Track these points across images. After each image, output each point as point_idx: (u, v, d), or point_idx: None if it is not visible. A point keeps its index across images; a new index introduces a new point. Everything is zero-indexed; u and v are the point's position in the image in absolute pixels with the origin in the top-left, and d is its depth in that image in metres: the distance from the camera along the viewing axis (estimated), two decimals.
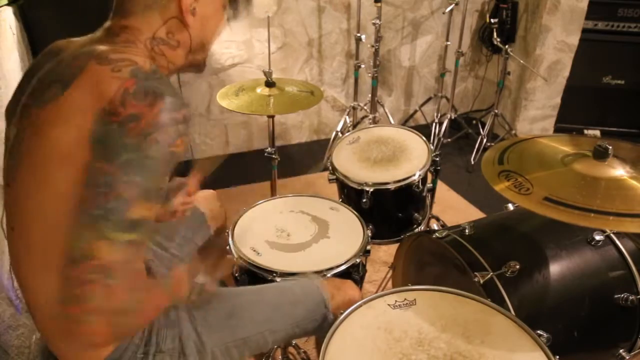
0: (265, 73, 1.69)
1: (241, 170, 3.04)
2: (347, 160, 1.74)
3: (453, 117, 3.19)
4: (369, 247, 1.35)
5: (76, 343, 0.76)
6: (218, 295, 1.03)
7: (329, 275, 1.24)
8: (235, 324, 1.01)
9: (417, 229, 1.74)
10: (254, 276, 1.26)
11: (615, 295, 1.24)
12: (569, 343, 1.20)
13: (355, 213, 1.48)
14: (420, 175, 1.63)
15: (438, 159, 1.72)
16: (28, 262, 0.82)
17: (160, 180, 0.75)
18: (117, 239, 0.70)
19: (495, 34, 2.87)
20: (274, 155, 1.77)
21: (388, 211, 1.72)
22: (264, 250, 1.31)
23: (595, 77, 3.16)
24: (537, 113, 3.26)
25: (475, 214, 2.58)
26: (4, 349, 1.23)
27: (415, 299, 1.08)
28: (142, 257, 0.76)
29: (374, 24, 2.77)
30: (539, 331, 1.06)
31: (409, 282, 1.15)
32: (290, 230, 1.39)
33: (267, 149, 1.77)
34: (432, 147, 1.76)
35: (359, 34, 2.85)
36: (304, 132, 3.39)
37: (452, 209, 2.61)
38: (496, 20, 2.88)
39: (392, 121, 3.24)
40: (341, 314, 1.04)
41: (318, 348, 0.97)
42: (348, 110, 3.12)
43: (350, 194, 1.70)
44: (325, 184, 1.79)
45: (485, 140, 3.07)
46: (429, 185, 1.76)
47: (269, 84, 1.69)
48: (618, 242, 1.29)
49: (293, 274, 1.22)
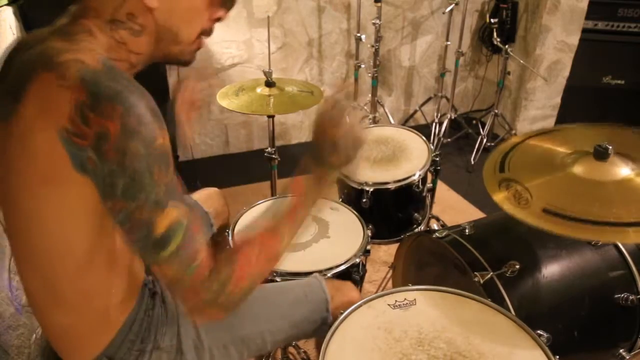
0: (265, 73, 1.69)
1: (241, 170, 3.04)
2: None
3: (453, 117, 3.19)
4: (369, 247, 1.35)
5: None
6: None
7: (329, 275, 1.24)
8: (234, 322, 1.01)
9: (417, 229, 1.74)
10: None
11: (615, 295, 1.24)
12: (569, 343, 1.20)
13: (355, 213, 1.48)
14: (420, 175, 1.63)
15: (438, 159, 1.72)
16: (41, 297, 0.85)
17: (164, 179, 0.71)
18: (163, 256, 0.71)
19: (495, 34, 2.87)
20: (274, 155, 1.77)
21: (388, 211, 1.72)
22: None
23: (595, 77, 3.15)
24: (537, 113, 3.26)
25: (475, 214, 2.58)
26: (4, 349, 1.22)
27: (415, 299, 1.08)
28: (198, 242, 0.74)
29: (374, 24, 2.77)
30: (539, 331, 1.06)
31: (409, 282, 1.15)
32: None
33: (267, 149, 1.77)
34: (432, 147, 1.76)
35: (359, 34, 2.85)
36: (304, 132, 3.39)
37: (452, 209, 2.61)
38: (496, 20, 2.88)
39: (392, 121, 3.24)
40: (341, 313, 1.04)
41: (318, 348, 0.97)
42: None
43: (350, 194, 1.70)
44: None
45: (485, 140, 3.07)
46: (429, 185, 1.76)
47: (269, 84, 1.69)
48: (618, 242, 1.29)
49: (293, 274, 1.22)
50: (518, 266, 1.17)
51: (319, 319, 1.09)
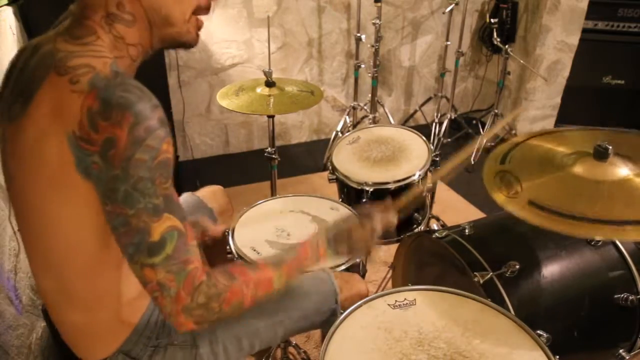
0: (265, 73, 1.68)
1: (241, 170, 3.04)
2: (347, 160, 1.74)
3: (453, 117, 3.19)
4: None
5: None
6: None
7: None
8: (247, 315, 1.01)
9: (417, 229, 1.74)
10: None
11: (615, 295, 1.24)
12: (569, 343, 1.20)
13: (356, 213, 1.47)
14: (420, 175, 1.63)
15: (438, 159, 1.72)
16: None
17: (164, 189, 0.72)
18: (155, 262, 0.72)
19: (495, 34, 2.87)
20: (274, 155, 1.77)
21: None
22: (264, 249, 1.31)
23: (595, 77, 3.15)
24: (537, 113, 3.26)
25: (475, 214, 2.58)
26: (4, 349, 1.23)
27: (415, 299, 1.08)
28: (191, 252, 0.75)
29: (374, 24, 2.77)
30: (539, 331, 1.06)
31: (409, 282, 1.15)
32: (290, 230, 1.39)
33: (267, 149, 1.77)
34: (432, 147, 1.76)
35: (359, 34, 2.85)
36: (304, 132, 3.39)
37: (452, 209, 2.61)
38: (496, 20, 2.88)
39: (392, 121, 3.24)
40: (341, 313, 1.04)
41: (318, 348, 0.97)
42: (348, 110, 3.12)
43: (350, 194, 1.70)
44: (325, 184, 1.79)
45: (485, 140, 3.06)
46: (429, 185, 1.76)
47: (269, 83, 1.69)
48: (618, 242, 1.29)
49: None
50: (518, 266, 1.17)
51: (328, 310, 1.11)
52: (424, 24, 3.35)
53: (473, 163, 2.99)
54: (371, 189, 1.60)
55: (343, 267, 1.26)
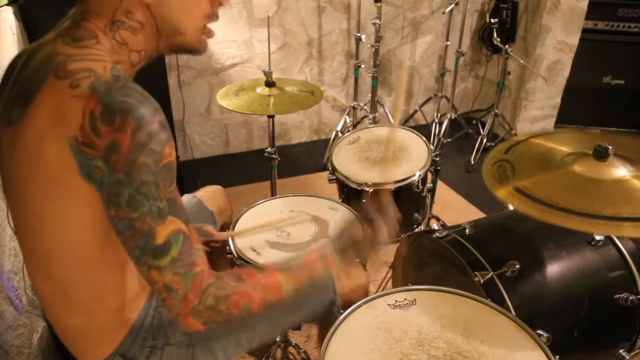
0: (265, 73, 1.68)
1: (241, 170, 3.04)
2: (347, 160, 1.74)
3: (453, 117, 3.19)
4: None
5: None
6: None
7: None
8: None
9: (417, 229, 1.74)
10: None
11: (615, 295, 1.24)
12: (569, 343, 1.20)
13: (356, 213, 1.47)
14: (420, 175, 1.63)
15: (438, 159, 1.72)
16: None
17: (168, 192, 0.72)
18: (161, 264, 0.72)
19: (495, 34, 2.87)
20: (274, 155, 1.77)
21: None
22: (264, 249, 1.31)
23: (595, 77, 3.15)
24: (537, 113, 3.26)
25: (475, 214, 2.58)
26: (4, 349, 1.23)
27: (415, 299, 1.08)
28: (197, 255, 0.75)
29: (374, 24, 2.77)
30: (539, 331, 1.06)
31: (409, 282, 1.15)
32: (290, 230, 1.39)
33: (267, 149, 1.77)
34: (432, 147, 1.76)
35: (359, 34, 2.85)
36: (304, 132, 3.39)
37: (452, 209, 2.61)
38: (496, 20, 2.88)
39: (392, 121, 3.24)
40: (341, 313, 1.04)
41: (318, 348, 0.97)
42: (348, 110, 3.12)
43: (350, 194, 1.70)
44: (325, 184, 1.79)
45: (485, 140, 3.07)
46: (429, 185, 1.76)
47: (269, 83, 1.69)
48: (618, 242, 1.29)
49: None
50: (518, 266, 1.17)
51: (326, 300, 1.10)
52: (424, 24, 3.35)
53: (473, 163, 3.00)
54: (371, 189, 1.60)
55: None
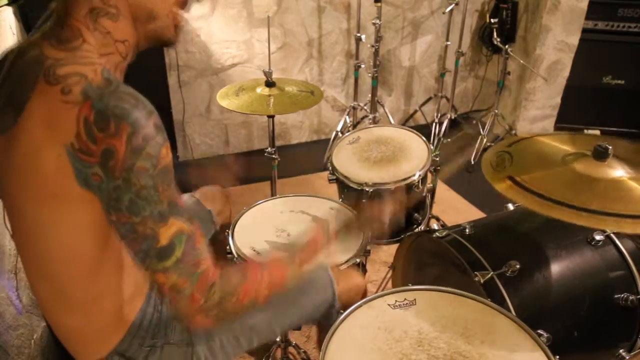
0: (265, 73, 1.68)
1: (241, 170, 3.04)
2: (347, 160, 1.74)
3: (453, 117, 3.19)
4: (369, 247, 1.35)
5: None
6: None
7: None
8: None
9: (417, 229, 1.74)
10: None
11: (615, 295, 1.24)
12: (569, 343, 1.20)
13: (356, 213, 1.47)
14: (420, 175, 1.63)
15: (438, 159, 1.72)
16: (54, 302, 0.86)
17: (168, 194, 0.72)
18: (166, 266, 0.72)
19: (495, 34, 2.87)
20: (274, 155, 1.77)
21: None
22: (264, 249, 1.31)
23: (595, 77, 3.15)
24: (537, 113, 3.26)
25: (475, 214, 2.58)
26: (4, 349, 1.23)
27: (415, 299, 1.08)
28: (201, 253, 0.75)
29: (374, 24, 2.77)
30: (539, 331, 1.06)
31: (409, 282, 1.15)
32: (290, 230, 1.39)
33: (267, 149, 1.77)
34: (432, 147, 1.76)
35: (359, 34, 2.85)
36: (304, 132, 3.39)
37: (452, 209, 2.61)
38: (496, 20, 2.88)
39: (392, 121, 3.24)
40: (341, 313, 1.04)
41: (318, 348, 0.98)
42: (348, 110, 3.12)
43: (350, 194, 1.70)
44: (325, 184, 1.79)
45: (485, 140, 3.07)
46: (429, 185, 1.76)
47: (269, 84, 1.69)
48: (618, 242, 1.29)
49: None
50: (518, 266, 1.17)
51: (325, 302, 1.11)
52: (424, 24, 3.35)
53: (473, 163, 3.00)
54: (371, 189, 1.60)
55: (344, 267, 1.26)
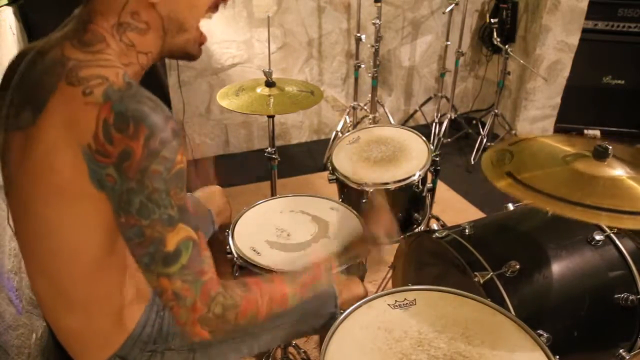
0: (265, 73, 1.69)
1: (241, 170, 3.04)
2: (347, 160, 1.74)
3: (453, 117, 3.19)
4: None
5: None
6: None
7: None
8: None
9: (417, 229, 1.74)
10: (253, 276, 1.26)
11: (615, 295, 1.24)
12: (569, 343, 1.20)
13: (355, 213, 1.48)
14: (420, 175, 1.63)
15: (438, 159, 1.72)
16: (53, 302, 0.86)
17: (179, 199, 0.72)
18: (170, 272, 0.72)
19: (495, 34, 2.87)
20: (274, 155, 1.77)
21: None
22: (264, 249, 1.31)
23: (595, 77, 3.15)
24: (537, 113, 3.26)
25: (475, 214, 2.58)
26: (4, 349, 1.23)
27: (415, 299, 1.08)
28: (205, 262, 0.75)
29: (374, 24, 2.77)
30: (539, 331, 1.06)
31: (409, 282, 1.15)
32: (290, 230, 1.39)
33: (267, 149, 1.77)
34: (432, 147, 1.76)
35: (359, 34, 2.85)
36: (304, 132, 3.39)
37: (452, 209, 2.61)
38: (496, 20, 2.88)
39: (392, 121, 3.24)
40: (341, 313, 1.04)
41: (318, 348, 0.98)
42: (348, 110, 3.12)
43: (350, 194, 1.70)
44: (325, 184, 1.79)
45: (485, 140, 3.07)
46: (429, 185, 1.76)
47: (269, 84, 1.69)
48: (618, 242, 1.29)
49: None
50: (518, 266, 1.17)
51: (327, 313, 1.10)
52: (424, 24, 3.35)
53: (473, 163, 3.00)
54: (371, 189, 1.60)
55: (342, 268, 1.26)
